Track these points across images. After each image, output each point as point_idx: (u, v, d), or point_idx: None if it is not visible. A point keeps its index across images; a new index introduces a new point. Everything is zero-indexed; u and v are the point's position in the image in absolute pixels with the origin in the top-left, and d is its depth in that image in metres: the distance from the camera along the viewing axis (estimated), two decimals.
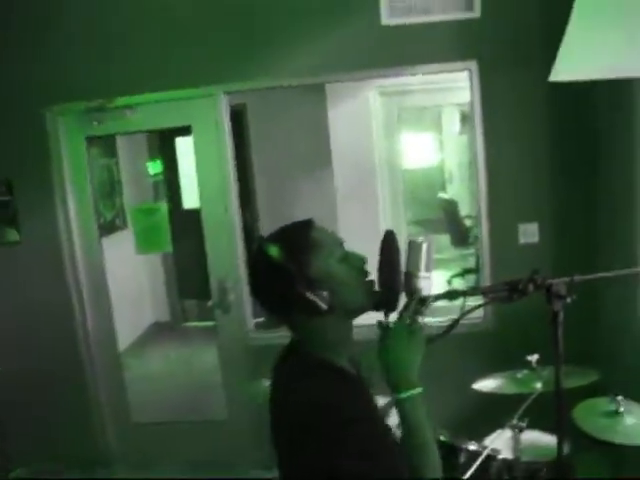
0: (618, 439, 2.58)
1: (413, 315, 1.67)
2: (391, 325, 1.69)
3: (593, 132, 3.83)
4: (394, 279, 1.67)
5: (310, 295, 1.60)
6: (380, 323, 1.71)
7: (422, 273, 1.66)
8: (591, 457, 3.18)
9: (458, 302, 1.77)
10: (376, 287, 1.69)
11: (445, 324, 1.75)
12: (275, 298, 1.68)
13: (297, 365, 1.70)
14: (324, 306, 1.61)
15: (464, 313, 1.75)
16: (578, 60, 1.39)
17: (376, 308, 1.70)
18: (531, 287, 1.71)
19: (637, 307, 3.34)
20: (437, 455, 1.63)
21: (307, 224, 1.71)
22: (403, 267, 1.69)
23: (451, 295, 1.75)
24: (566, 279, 1.72)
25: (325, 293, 1.61)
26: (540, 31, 3.81)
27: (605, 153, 3.76)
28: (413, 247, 1.67)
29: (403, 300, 1.71)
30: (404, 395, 1.65)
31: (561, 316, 1.75)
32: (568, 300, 1.72)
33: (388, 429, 1.72)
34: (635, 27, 1.26)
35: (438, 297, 1.72)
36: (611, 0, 1.30)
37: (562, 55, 1.42)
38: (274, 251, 1.63)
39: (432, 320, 1.86)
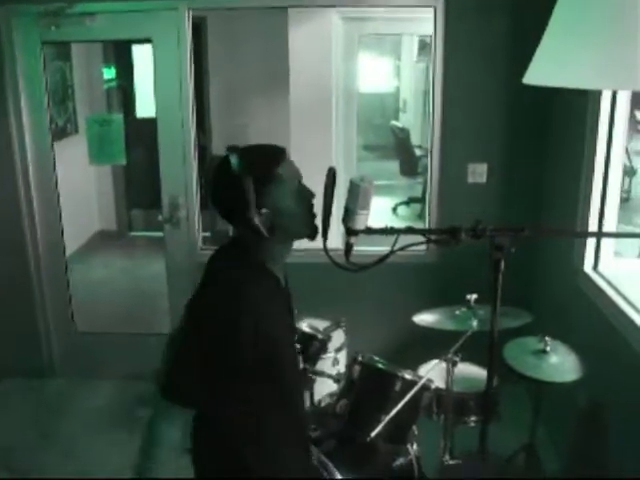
0: (542, 376, 2.77)
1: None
2: None
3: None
4: (324, 215, 1.83)
5: (256, 220, 1.77)
6: None
7: (357, 210, 1.80)
8: (516, 391, 3.39)
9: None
10: (316, 222, 1.88)
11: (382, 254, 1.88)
12: (227, 210, 1.85)
13: (236, 259, 1.88)
14: (265, 233, 1.79)
15: (395, 249, 1.88)
16: (550, 68, 1.46)
17: (311, 237, 1.89)
18: (471, 237, 1.82)
19: (573, 256, 3.50)
20: None
21: (277, 156, 1.85)
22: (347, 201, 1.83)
23: (386, 231, 1.87)
24: (509, 233, 1.80)
25: (270, 220, 1.79)
26: None
27: (559, 103, 3.85)
28: (353, 187, 1.81)
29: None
30: None
31: (502, 265, 1.84)
32: (511, 251, 1.81)
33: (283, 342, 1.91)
34: (603, 44, 1.34)
35: (373, 231, 1.86)
36: (585, 17, 1.36)
37: (536, 60, 1.49)
38: (238, 171, 1.77)
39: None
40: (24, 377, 4.56)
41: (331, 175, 1.83)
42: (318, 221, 1.87)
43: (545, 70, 1.48)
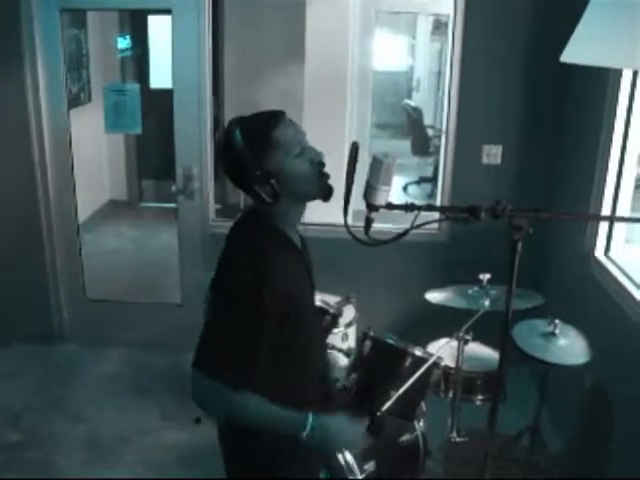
0: (550, 358, 2.79)
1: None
2: None
3: (569, 67, 3.89)
4: (346, 190, 1.81)
5: (257, 188, 1.80)
6: None
7: (379, 186, 1.79)
8: (522, 371, 3.42)
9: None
10: (329, 180, 1.87)
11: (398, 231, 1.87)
12: (234, 177, 1.87)
13: (252, 227, 1.91)
14: (268, 199, 1.81)
15: (414, 226, 1.85)
16: (587, 47, 1.47)
17: (324, 198, 1.88)
18: (490, 216, 1.82)
19: (585, 240, 3.50)
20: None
21: (274, 121, 1.85)
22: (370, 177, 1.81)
23: (406, 207, 1.85)
24: (529, 214, 1.81)
25: (274, 185, 1.80)
26: None
27: (577, 87, 3.83)
28: (375, 163, 1.80)
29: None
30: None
31: (519, 246, 1.85)
32: (530, 232, 1.82)
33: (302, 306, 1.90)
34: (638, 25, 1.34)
35: (394, 207, 1.84)
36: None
37: (574, 40, 1.49)
38: (237, 138, 1.80)
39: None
40: (34, 342, 4.59)
41: (354, 150, 1.83)
42: (332, 182, 1.87)
43: (584, 49, 1.48)
